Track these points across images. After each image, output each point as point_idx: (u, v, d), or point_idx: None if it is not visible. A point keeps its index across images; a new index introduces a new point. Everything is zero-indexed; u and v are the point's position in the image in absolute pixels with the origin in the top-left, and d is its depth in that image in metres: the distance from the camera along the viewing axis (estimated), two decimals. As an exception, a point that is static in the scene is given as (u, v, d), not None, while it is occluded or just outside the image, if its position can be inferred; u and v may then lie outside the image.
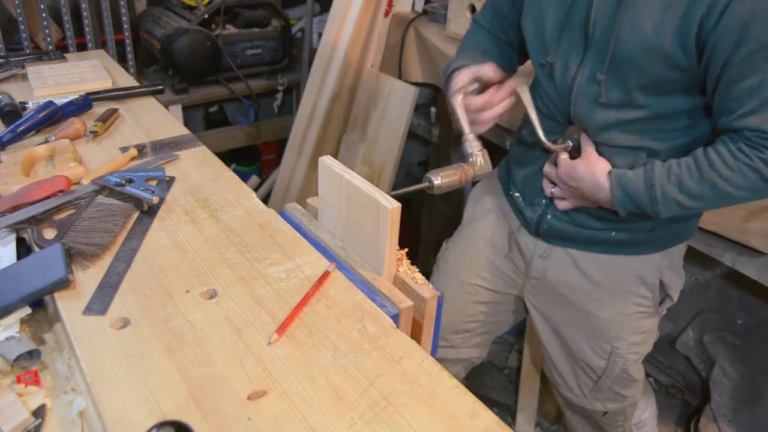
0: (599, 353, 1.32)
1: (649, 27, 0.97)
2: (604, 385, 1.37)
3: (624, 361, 1.31)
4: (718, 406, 1.87)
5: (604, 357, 1.32)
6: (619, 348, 1.30)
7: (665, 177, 1.03)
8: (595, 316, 1.28)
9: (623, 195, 1.07)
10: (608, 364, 1.32)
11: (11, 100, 1.32)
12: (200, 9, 2.58)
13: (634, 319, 1.28)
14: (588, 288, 1.27)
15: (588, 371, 1.36)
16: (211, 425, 0.66)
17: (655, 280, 1.25)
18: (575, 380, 1.41)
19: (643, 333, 1.30)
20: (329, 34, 2.40)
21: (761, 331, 1.86)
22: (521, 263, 1.35)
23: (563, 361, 1.41)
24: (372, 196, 0.86)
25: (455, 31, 2.09)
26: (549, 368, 1.48)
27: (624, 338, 1.29)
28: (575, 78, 1.09)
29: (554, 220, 1.23)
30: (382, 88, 2.34)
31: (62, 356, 0.79)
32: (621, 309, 1.27)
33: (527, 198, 1.28)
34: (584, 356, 1.34)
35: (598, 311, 1.28)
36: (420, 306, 0.87)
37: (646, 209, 1.06)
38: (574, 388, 1.43)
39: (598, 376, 1.35)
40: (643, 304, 1.27)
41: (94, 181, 1.07)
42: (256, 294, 0.85)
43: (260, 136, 2.94)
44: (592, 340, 1.31)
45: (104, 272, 0.88)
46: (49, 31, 2.35)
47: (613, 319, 1.28)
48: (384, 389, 0.71)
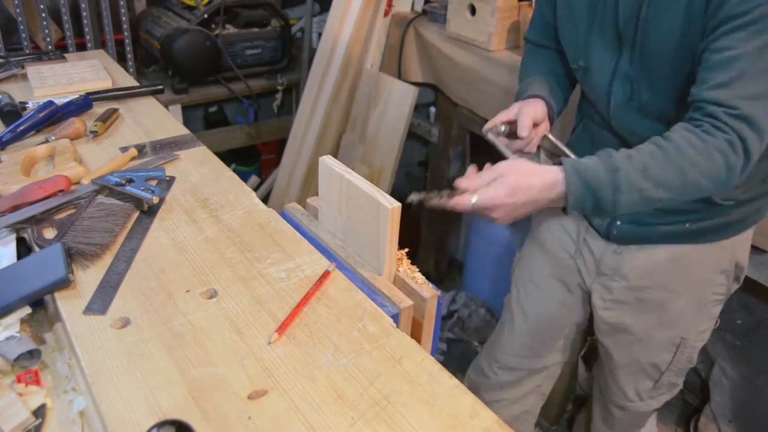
0: (667, 347, 1.30)
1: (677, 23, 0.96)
2: (664, 381, 1.36)
3: (691, 350, 1.30)
4: (718, 406, 1.87)
5: (671, 350, 1.30)
6: (688, 338, 1.28)
7: (627, 162, 0.92)
8: (669, 309, 1.25)
9: (581, 184, 0.93)
10: (675, 356, 1.30)
11: (11, 100, 1.32)
12: (200, 9, 2.58)
13: (708, 307, 1.26)
14: (664, 281, 1.23)
15: (651, 372, 1.34)
16: (212, 425, 0.66)
17: (731, 265, 1.23)
18: (633, 385, 1.39)
19: (713, 319, 1.29)
20: (329, 34, 2.40)
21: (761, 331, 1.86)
22: (591, 261, 1.31)
23: (625, 367, 1.37)
24: (372, 196, 0.86)
25: (455, 31, 2.10)
26: (605, 377, 1.45)
27: (695, 327, 1.27)
28: (612, 79, 1.09)
29: (624, 225, 1.21)
30: (381, 88, 2.34)
31: (62, 356, 0.79)
32: (697, 299, 1.24)
33: None
34: (651, 356, 1.32)
35: (672, 303, 1.25)
36: (420, 306, 0.87)
37: (605, 202, 0.93)
38: (630, 394, 1.41)
39: (661, 372, 1.34)
40: (718, 292, 1.25)
41: (94, 181, 1.07)
42: (256, 294, 0.85)
43: (260, 136, 2.94)
44: (663, 335, 1.29)
45: (104, 272, 0.88)
46: (48, 31, 2.35)
47: (686, 310, 1.25)
48: (384, 389, 0.71)
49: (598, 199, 0.93)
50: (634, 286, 1.27)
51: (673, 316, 1.26)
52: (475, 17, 2.00)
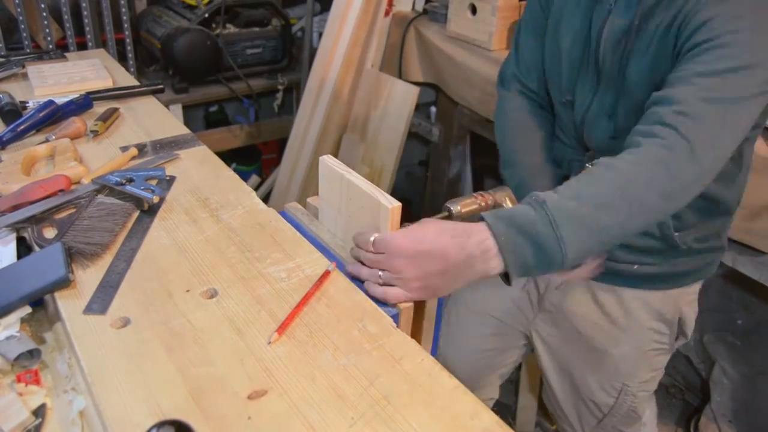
0: (608, 390, 1.28)
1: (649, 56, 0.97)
2: (608, 424, 1.34)
3: (633, 398, 1.28)
4: (718, 406, 1.87)
5: (613, 395, 1.28)
6: (630, 385, 1.26)
7: (553, 194, 0.82)
8: (609, 353, 1.24)
9: (509, 228, 0.79)
10: (617, 401, 1.29)
11: (11, 99, 1.32)
12: (200, 8, 2.58)
13: (649, 356, 1.24)
14: (605, 323, 1.23)
15: (593, 409, 1.33)
16: (212, 425, 0.66)
17: (675, 316, 1.22)
18: (577, 417, 1.38)
19: (656, 370, 1.28)
20: (329, 33, 2.40)
21: (761, 331, 1.86)
22: (534, 295, 1.31)
23: (568, 398, 1.37)
24: (372, 196, 0.86)
25: (456, 30, 2.10)
26: (551, 403, 1.44)
27: (636, 375, 1.26)
28: (587, 113, 1.10)
29: None
30: (382, 88, 2.34)
31: (62, 355, 0.79)
32: (637, 346, 1.23)
33: None
34: (591, 394, 1.31)
35: (613, 347, 1.24)
36: (420, 306, 0.87)
37: (547, 244, 0.78)
38: (575, 425, 1.39)
39: (604, 414, 1.32)
40: (660, 341, 1.24)
41: (94, 181, 1.07)
42: (256, 293, 0.85)
43: (260, 136, 2.95)
44: (602, 377, 1.28)
45: (104, 272, 0.88)
46: (49, 30, 2.35)
47: (627, 356, 1.24)
48: (384, 389, 0.71)
49: (537, 243, 0.78)
50: (576, 327, 1.26)
51: (613, 361, 1.25)
52: (476, 17, 2.00)
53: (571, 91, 1.13)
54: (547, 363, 1.36)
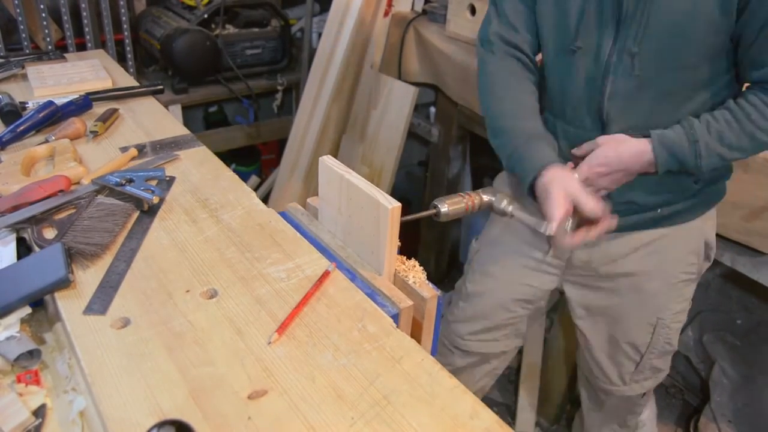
0: (645, 328, 1.32)
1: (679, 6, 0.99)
2: (646, 364, 1.37)
3: (668, 330, 1.32)
4: (718, 406, 1.87)
5: (649, 331, 1.32)
6: (664, 318, 1.30)
7: (706, 132, 1.05)
8: (643, 290, 1.28)
9: (667, 155, 1.07)
10: (653, 337, 1.32)
11: (11, 100, 1.32)
12: (200, 9, 2.58)
13: (679, 287, 1.28)
14: (636, 264, 1.26)
15: (631, 353, 1.36)
16: (212, 425, 0.66)
17: (701, 245, 1.26)
18: (616, 369, 1.41)
19: (686, 299, 1.32)
20: (329, 34, 2.40)
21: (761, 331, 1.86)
22: (563, 256, 1.32)
23: (605, 350, 1.40)
24: (372, 196, 0.86)
25: (455, 31, 2.10)
26: (587, 361, 1.47)
27: (670, 307, 1.30)
28: (610, 58, 1.07)
29: None
30: (382, 88, 2.34)
31: (62, 356, 0.79)
32: (669, 279, 1.27)
33: None
34: (630, 335, 1.33)
35: (646, 285, 1.27)
36: (420, 306, 0.87)
37: (689, 165, 1.06)
38: (613, 377, 1.42)
39: (641, 354, 1.35)
40: (689, 271, 1.28)
41: (94, 181, 1.07)
42: (256, 294, 0.85)
43: (260, 136, 2.94)
44: (638, 315, 1.31)
45: (104, 272, 0.88)
46: (48, 31, 2.35)
47: (659, 291, 1.28)
48: (384, 389, 0.71)
49: (682, 163, 1.07)
50: (608, 273, 1.29)
51: (647, 298, 1.29)
52: (475, 17, 2.00)
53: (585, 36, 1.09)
54: (582, 315, 1.38)
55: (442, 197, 1.04)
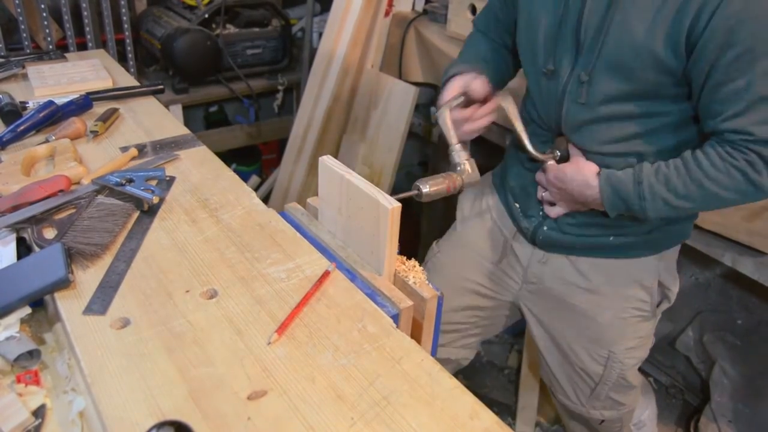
0: (596, 359, 1.32)
1: (640, 31, 0.98)
2: (601, 393, 1.36)
3: (621, 366, 1.31)
4: (718, 406, 1.87)
5: (601, 363, 1.32)
6: (617, 353, 1.29)
7: (653, 175, 1.04)
8: (593, 321, 1.28)
9: (612, 193, 1.07)
10: (605, 370, 1.32)
11: (11, 99, 1.32)
12: (200, 9, 2.58)
13: (631, 323, 1.28)
14: (586, 292, 1.27)
15: (585, 378, 1.36)
16: (211, 425, 0.66)
17: (653, 282, 1.25)
18: (572, 388, 1.41)
19: (641, 337, 1.30)
20: (329, 34, 2.40)
21: (761, 331, 1.85)
22: (518, 269, 1.34)
23: (560, 368, 1.40)
24: (372, 196, 0.86)
25: (455, 31, 2.09)
26: (546, 374, 1.47)
27: (621, 343, 1.29)
28: (567, 83, 1.10)
29: (551, 231, 1.24)
30: (382, 88, 2.34)
31: (62, 356, 0.79)
32: (619, 313, 1.26)
33: (523, 209, 1.29)
34: (581, 363, 1.34)
35: (596, 315, 1.27)
36: (420, 306, 0.87)
37: (634, 208, 1.06)
38: (571, 396, 1.42)
39: (596, 383, 1.35)
40: (641, 308, 1.27)
41: (94, 181, 1.07)
42: (256, 294, 0.85)
43: (260, 136, 2.94)
44: (589, 345, 1.31)
45: (104, 272, 0.88)
46: (49, 30, 2.35)
47: (611, 324, 1.27)
48: (384, 389, 0.71)
49: (628, 205, 1.07)
50: (560, 296, 1.29)
51: (598, 328, 1.28)
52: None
53: (552, 60, 1.12)
54: (539, 333, 1.39)
55: (425, 178, 1.06)
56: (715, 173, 0.99)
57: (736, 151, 0.98)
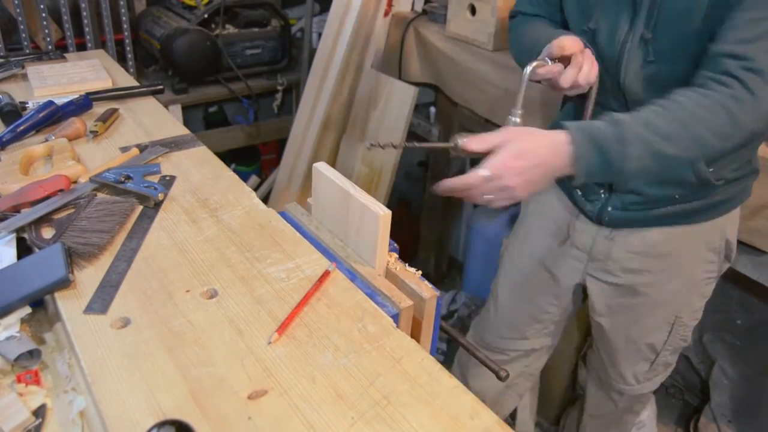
0: (662, 326, 1.32)
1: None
2: (660, 362, 1.38)
3: (685, 329, 1.32)
4: (718, 406, 1.87)
5: (666, 330, 1.32)
6: (683, 317, 1.30)
7: (629, 117, 0.94)
8: (663, 290, 1.28)
9: (586, 141, 0.92)
10: (670, 336, 1.33)
11: (11, 99, 1.32)
12: (200, 9, 2.58)
13: (700, 286, 1.29)
14: (657, 261, 1.26)
15: (647, 353, 1.36)
16: (212, 425, 0.66)
17: (721, 243, 1.25)
18: (631, 368, 1.41)
19: (705, 298, 1.31)
20: (329, 34, 2.40)
21: (761, 331, 1.86)
22: (584, 248, 1.32)
23: (622, 349, 1.40)
24: (363, 203, 0.86)
25: (455, 31, 2.09)
26: (602, 361, 1.47)
27: (688, 307, 1.30)
28: (626, 42, 1.08)
29: (615, 211, 1.22)
30: (382, 88, 2.34)
31: (62, 356, 0.79)
32: (689, 278, 1.27)
33: (584, 193, 1.27)
34: (647, 335, 1.34)
35: (665, 283, 1.27)
36: (419, 305, 0.87)
37: (614, 157, 0.91)
38: (629, 377, 1.43)
39: (657, 352, 1.36)
40: (709, 270, 1.28)
41: (92, 179, 1.07)
42: (256, 293, 0.85)
43: (260, 136, 2.94)
44: (658, 314, 1.31)
45: (105, 271, 0.88)
46: (48, 31, 2.35)
47: (679, 290, 1.28)
48: (384, 389, 0.71)
49: (605, 153, 0.91)
50: (628, 269, 1.28)
51: (667, 296, 1.29)
52: (476, 17, 2.00)
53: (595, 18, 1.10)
54: (603, 312, 1.38)
55: (464, 133, 0.99)
56: (698, 110, 0.92)
57: (721, 86, 0.92)
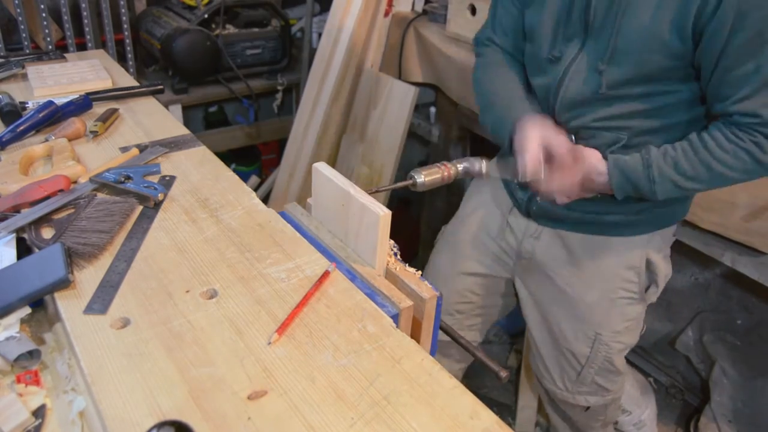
0: (583, 339, 1.33)
1: (646, 17, 0.99)
2: (587, 377, 1.38)
3: (607, 349, 1.32)
4: (718, 406, 1.87)
5: (587, 344, 1.33)
6: (603, 335, 1.31)
7: (661, 158, 1.05)
8: (580, 300, 1.29)
9: (621, 176, 1.08)
10: (591, 351, 1.33)
11: (11, 99, 1.32)
12: (200, 9, 2.58)
13: (619, 304, 1.29)
14: (575, 269, 1.28)
15: (572, 360, 1.37)
16: (211, 425, 0.66)
17: (641, 263, 1.26)
18: (559, 370, 1.42)
19: (629, 321, 1.31)
20: (329, 34, 2.40)
21: (761, 331, 1.86)
22: (513, 243, 1.36)
23: (548, 349, 1.41)
24: (363, 203, 0.86)
25: (455, 31, 2.09)
26: (534, 357, 1.48)
27: (608, 325, 1.30)
28: (570, 66, 1.11)
29: (543, 202, 1.25)
30: (382, 88, 2.34)
31: (62, 356, 0.79)
32: (605, 293, 1.28)
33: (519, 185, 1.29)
34: (568, 342, 1.35)
35: (583, 294, 1.29)
36: (419, 306, 0.87)
37: (644, 190, 1.08)
38: (558, 380, 1.43)
39: (582, 365, 1.36)
40: (629, 289, 1.28)
41: (92, 179, 1.07)
42: (256, 294, 0.85)
43: (260, 136, 2.94)
44: (576, 324, 1.32)
45: (105, 272, 0.88)
46: (48, 30, 2.35)
47: (597, 304, 1.29)
48: (384, 389, 0.71)
49: (638, 188, 1.08)
50: (552, 271, 1.31)
51: (585, 307, 1.30)
52: (476, 17, 2.00)
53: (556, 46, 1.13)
54: (530, 312, 1.41)
55: (419, 168, 1.08)
56: (722, 154, 1.01)
57: (743, 133, 1.00)
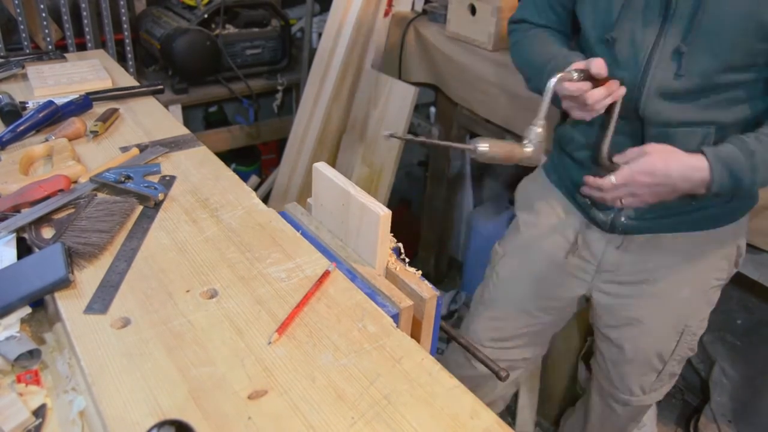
0: (671, 335, 1.30)
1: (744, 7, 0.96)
2: (666, 372, 1.36)
3: (693, 338, 1.32)
4: (718, 406, 1.87)
5: (675, 339, 1.31)
6: (691, 325, 1.30)
7: (759, 144, 1.00)
8: (674, 298, 1.26)
9: (725, 171, 1.00)
10: (678, 344, 1.31)
11: (11, 99, 1.32)
12: (200, 9, 2.58)
13: (710, 293, 1.28)
14: (669, 267, 1.24)
15: (656, 363, 1.35)
16: (212, 425, 0.66)
17: (733, 250, 1.25)
18: (638, 380, 1.39)
19: (712, 305, 1.31)
20: (329, 34, 2.40)
21: (761, 331, 1.86)
22: (592, 259, 1.30)
23: (630, 361, 1.36)
24: (364, 203, 0.86)
25: (455, 30, 2.10)
26: (608, 372, 1.44)
27: (697, 314, 1.29)
28: (653, 52, 1.05)
29: (630, 220, 1.20)
30: (381, 88, 2.34)
31: (63, 356, 0.79)
32: (700, 285, 1.26)
33: (598, 206, 1.24)
34: (656, 346, 1.32)
35: (677, 292, 1.26)
36: (419, 306, 0.87)
37: (745, 182, 1.01)
38: (635, 389, 1.41)
39: (665, 362, 1.34)
40: (720, 277, 1.27)
41: (92, 179, 1.07)
42: (256, 293, 0.85)
43: (260, 136, 2.94)
44: (667, 324, 1.29)
45: (105, 271, 0.88)
46: (48, 30, 2.35)
47: (690, 298, 1.27)
48: (384, 389, 0.71)
49: (739, 181, 1.01)
50: (640, 278, 1.27)
51: (677, 305, 1.28)
52: (476, 17, 2.00)
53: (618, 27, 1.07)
54: (611, 324, 1.35)
55: (486, 138, 0.99)
56: None
57: None
